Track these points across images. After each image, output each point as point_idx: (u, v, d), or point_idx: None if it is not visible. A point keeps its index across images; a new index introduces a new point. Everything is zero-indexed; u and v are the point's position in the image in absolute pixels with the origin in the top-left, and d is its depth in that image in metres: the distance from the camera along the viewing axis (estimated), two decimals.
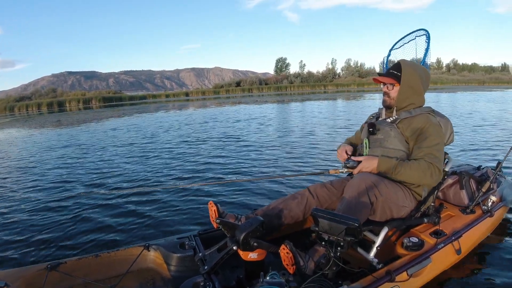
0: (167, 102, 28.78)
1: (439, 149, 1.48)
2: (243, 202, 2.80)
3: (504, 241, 1.93)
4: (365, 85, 43.39)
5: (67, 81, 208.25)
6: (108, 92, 45.64)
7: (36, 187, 3.64)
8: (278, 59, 59.97)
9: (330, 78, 51.30)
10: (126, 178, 3.79)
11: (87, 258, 1.46)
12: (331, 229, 1.16)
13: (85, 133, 8.83)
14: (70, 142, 7.06)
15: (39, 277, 1.31)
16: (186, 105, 22.78)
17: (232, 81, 56.80)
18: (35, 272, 1.33)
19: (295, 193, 1.64)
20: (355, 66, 55.34)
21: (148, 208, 2.76)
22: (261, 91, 42.97)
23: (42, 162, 5.08)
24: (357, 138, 1.86)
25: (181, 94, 45.06)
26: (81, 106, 32.36)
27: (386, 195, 1.43)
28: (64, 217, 2.66)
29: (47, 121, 14.99)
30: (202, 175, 3.80)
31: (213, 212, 1.47)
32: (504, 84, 43.36)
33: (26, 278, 1.29)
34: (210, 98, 32.78)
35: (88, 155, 5.42)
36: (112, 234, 2.33)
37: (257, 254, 1.30)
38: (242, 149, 5.24)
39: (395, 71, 1.57)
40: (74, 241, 2.24)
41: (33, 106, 31.47)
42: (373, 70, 55.27)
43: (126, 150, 5.70)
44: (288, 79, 49.78)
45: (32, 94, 42.89)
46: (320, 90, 41.04)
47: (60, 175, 4.13)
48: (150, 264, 1.55)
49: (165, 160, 4.69)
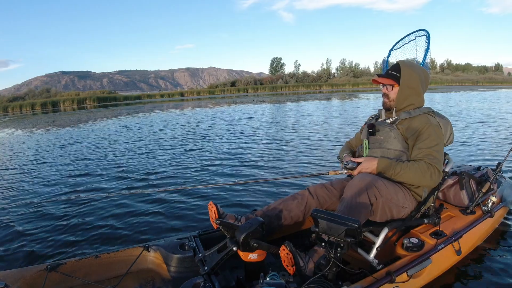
0: (162, 102, 28.77)
1: (438, 149, 1.48)
2: (243, 203, 2.80)
3: (504, 241, 1.93)
4: (359, 85, 43.83)
5: (60, 81, 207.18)
6: (103, 92, 45.71)
7: (35, 187, 3.64)
8: (273, 59, 60.44)
9: (325, 78, 51.74)
10: (125, 178, 3.79)
11: (87, 259, 1.46)
12: (331, 230, 1.16)
13: (82, 133, 8.82)
14: (68, 142, 7.06)
15: (39, 278, 1.31)
16: (182, 105, 22.78)
17: (227, 81, 57.15)
18: (35, 272, 1.33)
19: (295, 194, 1.64)
20: (349, 66, 55.76)
21: (148, 209, 2.76)
22: (257, 91, 43.16)
23: (41, 162, 5.07)
24: (357, 140, 1.85)
25: (176, 94, 45.17)
26: (75, 106, 32.29)
27: (386, 196, 1.43)
28: (64, 217, 2.66)
29: (43, 121, 14.94)
30: (202, 176, 3.80)
31: (213, 213, 1.47)
32: (497, 84, 43.83)
33: (26, 279, 1.29)
34: (205, 98, 32.85)
35: (87, 155, 5.42)
36: (112, 234, 2.33)
37: (257, 255, 1.29)
38: (241, 150, 5.24)
39: (394, 72, 1.57)
40: (74, 241, 2.24)
41: (27, 107, 31.36)
42: (367, 70, 55.82)
43: (125, 150, 5.70)
44: (283, 79, 50.15)
45: (26, 94, 42.97)
46: (315, 90, 41.26)
47: (60, 175, 4.13)
48: (150, 265, 1.55)
49: (164, 160, 4.69)
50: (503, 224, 2.08)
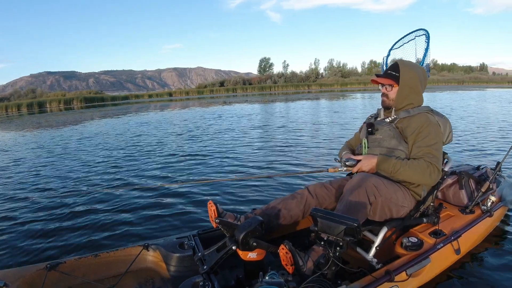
0: (151, 103, 28.62)
1: (438, 148, 1.48)
2: (242, 201, 2.80)
3: (503, 241, 1.93)
4: (348, 85, 44.34)
5: (46, 82, 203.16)
6: (89, 93, 45.38)
7: (35, 187, 3.64)
8: (262, 59, 60.77)
9: (313, 78, 52.11)
10: (125, 178, 3.79)
11: (86, 258, 1.46)
12: (330, 229, 1.16)
13: (76, 133, 8.77)
14: (65, 142, 7.05)
15: (38, 277, 1.31)
16: (171, 105, 22.68)
17: (215, 81, 57.44)
18: (34, 272, 1.33)
19: (294, 193, 1.64)
20: (337, 67, 56.12)
21: (147, 208, 2.76)
22: (246, 91, 43.19)
23: (40, 162, 5.07)
24: (357, 139, 1.85)
25: (165, 94, 44.88)
26: (62, 106, 31.98)
27: (385, 195, 1.43)
28: (63, 217, 2.66)
29: (34, 122, 14.78)
30: (201, 174, 3.80)
31: (212, 212, 1.47)
32: (483, 83, 44.23)
33: (25, 278, 1.29)
34: (194, 98, 32.76)
35: (85, 155, 5.42)
36: (111, 234, 2.32)
37: (256, 254, 1.29)
38: (240, 148, 5.24)
39: (393, 72, 1.57)
40: (73, 241, 2.24)
41: (12, 107, 30.96)
42: (355, 71, 56.48)
43: (122, 149, 5.69)
44: (272, 79, 50.39)
45: (11, 95, 42.73)
46: (304, 90, 41.41)
47: (60, 175, 4.13)
48: (149, 264, 1.55)
49: (163, 158, 4.68)
50: (502, 224, 2.08)
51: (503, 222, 2.10)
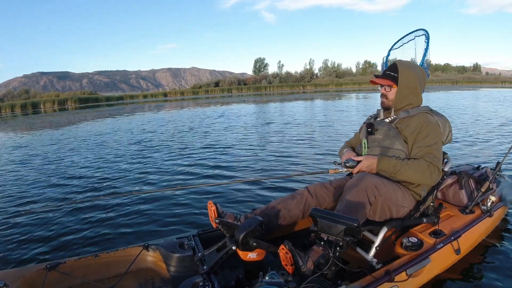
0: (145, 103, 28.47)
1: (438, 148, 1.48)
2: (242, 202, 2.80)
3: (503, 241, 1.93)
4: (343, 85, 44.66)
5: (39, 82, 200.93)
6: (83, 93, 45.00)
7: (34, 187, 3.64)
8: (257, 59, 61.00)
9: (308, 78, 52.28)
10: (124, 178, 3.79)
11: (86, 258, 1.46)
12: (330, 229, 1.16)
13: (75, 134, 8.72)
14: (65, 143, 7.05)
15: (38, 277, 1.31)
16: (166, 105, 22.57)
17: (210, 82, 57.57)
18: (34, 272, 1.33)
19: (294, 193, 1.64)
20: (332, 67, 56.33)
21: (147, 208, 2.76)
22: (241, 92, 43.19)
23: (40, 162, 5.07)
24: (356, 140, 1.85)
25: (159, 95, 44.73)
26: (56, 107, 31.69)
27: (385, 195, 1.43)
28: (63, 217, 2.66)
29: (29, 123, 14.64)
30: (201, 175, 3.79)
31: (212, 212, 1.47)
32: (476, 83, 44.49)
33: (25, 278, 1.29)
34: (189, 99, 32.63)
35: (84, 155, 5.42)
36: (111, 234, 2.32)
37: (256, 254, 1.29)
38: (240, 149, 5.24)
39: (392, 73, 1.57)
40: (73, 241, 2.24)
41: (6, 108, 30.63)
42: (350, 71, 56.70)
43: (122, 151, 5.69)
44: (267, 79, 50.51)
45: (4, 96, 42.50)
46: (299, 90, 41.50)
47: (59, 175, 4.13)
48: (149, 264, 1.55)
49: (163, 160, 4.68)
50: (502, 223, 2.08)
51: (503, 222, 2.09)
